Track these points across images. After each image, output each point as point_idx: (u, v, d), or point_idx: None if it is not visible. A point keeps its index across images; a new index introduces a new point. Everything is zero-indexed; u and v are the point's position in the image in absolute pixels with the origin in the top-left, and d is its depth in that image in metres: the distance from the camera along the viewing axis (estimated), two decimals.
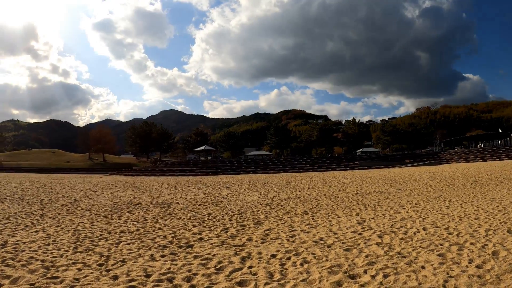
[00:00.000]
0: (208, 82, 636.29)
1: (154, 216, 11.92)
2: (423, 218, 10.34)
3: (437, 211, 11.58)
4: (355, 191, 17.92)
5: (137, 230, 9.59)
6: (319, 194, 16.85)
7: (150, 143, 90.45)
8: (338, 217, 10.76)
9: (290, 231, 8.72)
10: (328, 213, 11.46)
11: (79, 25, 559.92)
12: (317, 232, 8.53)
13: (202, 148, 75.69)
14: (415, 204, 13.32)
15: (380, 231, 8.67)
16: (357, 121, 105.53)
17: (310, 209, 12.46)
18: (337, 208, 12.64)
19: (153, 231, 9.39)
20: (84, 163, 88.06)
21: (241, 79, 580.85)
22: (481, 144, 76.13)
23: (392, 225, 9.44)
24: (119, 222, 10.89)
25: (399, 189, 18.47)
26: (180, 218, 11.34)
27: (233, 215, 11.55)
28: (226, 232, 8.88)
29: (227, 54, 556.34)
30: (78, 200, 17.05)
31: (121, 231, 9.53)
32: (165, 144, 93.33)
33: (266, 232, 8.74)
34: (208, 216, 11.51)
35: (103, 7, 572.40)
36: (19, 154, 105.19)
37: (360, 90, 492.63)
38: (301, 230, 8.79)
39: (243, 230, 9.02)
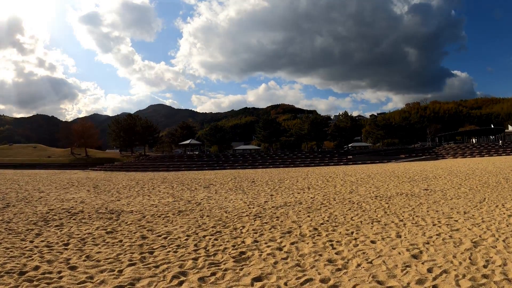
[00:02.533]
0: (196, 77, 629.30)
1: (84, 236, 7.74)
2: (503, 240, 6.44)
3: (508, 225, 7.70)
4: (371, 193, 13.82)
5: (35, 269, 5.53)
6: (326, 198, 12.68)
7: (134, 137, 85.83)
8: (372, 242, 6.65)
9: (302, 283, 4.59)
10: (352, 234, 7.35)
11: (65, 18, 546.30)
12: (356, 286, 4.43)
13: (187, 142, 71.49)
14: (465, 213, 9.36)
15: (464, 275, 4.70)
16: (349, 114, 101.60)
17: (322, 224, 8.32)
18: (361, 222, 8.54)
19: (57, 272, 5.30)
20: (65, 158, 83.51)
21: (229, 74, 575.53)
22: (473, 140, 74.20)
23: (469, 258, 5.52)
24: (24, 249, 6.82)
25: (426, 189, 14.46)
26: (121, 241, 7.16)
27: (204, 236, 7.36)
28: (181, 283, 4.72)
29: (215, 48, 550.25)
30: (10, 205, 13.00)
31: (11, 269, 5.49)
32: (150, 138, 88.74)
33: (256, 283, 4.62)
34: (165, 238, 7.33)
35: (89, 0, 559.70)
36: None
37: (349, 86, 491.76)
38: (321, 280, 4.66)
39: (213, 278, 4.87)
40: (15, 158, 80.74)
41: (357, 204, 11.26)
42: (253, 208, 10.73)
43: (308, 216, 9.34)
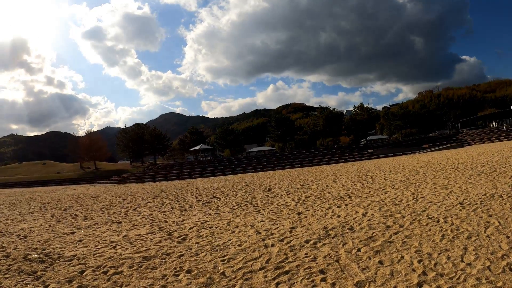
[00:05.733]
0: (204, 83, 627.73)
1: None
2: None
3: None
4: (447, 198, 9.12)
5: None
6: (387, 214, 7.94)
7: (143, 146, 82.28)
8: None
9: None
10: None
11: (69, 35, 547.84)
12: None
13: (198, 147, 67.40)
14: None
15: None
16: (365, 106, 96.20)
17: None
18: (491, 271, 4.14)
19: None
20: (74, 173, 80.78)
21: (236, 77, 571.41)
22: (494, 124, 69.23)
23: None
24: None
25: None
26: None
27: None
28: None
29: (220, 53, 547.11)
30: None
31: None
32: (159, 146, 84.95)
33: None
34: None
35: (91, 15, 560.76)
36: (8, 169, 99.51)
37: (357, 80, 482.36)
38: None
39: None
40: (23, 176, 78.84)
41: (444, 221, 6.75)
42: (271, 246, 6.17)
43: (380, 262, 4.87)
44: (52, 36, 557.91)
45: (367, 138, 78.30)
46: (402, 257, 5.07)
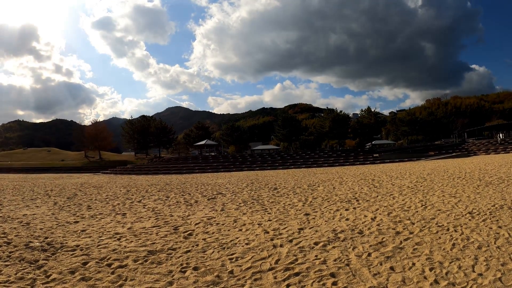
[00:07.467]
0: (211, 78, 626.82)
1: None
2: None
3: None
4: (456, 206, 8.91)
5: None
6: (396, 220, 7.78)
7: (148, 138, 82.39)
8: None
9: None
10: None
11: (78, 24, 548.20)
12: None
13: (203, 142, 67.38)
14: None
15: None
16: (372, 110, 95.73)
17: None
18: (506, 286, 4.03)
19: None
20: (79, 161, 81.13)
21: (244, 74, 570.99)
22: (501, 135, 68.82)
23: None
24: None
25: None
26: None
27: None
28: None
29: (229, 49, 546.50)
30: None
31: None
32: (164, 139, 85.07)
33: None
34: None
35: (101, 5, 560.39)
36: (13, 154, 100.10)
37: (365, 83, 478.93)
38: None
39: None
40: (28, 162, 79.14)
41: (454, 230, 6.63)
42: (280, 246, 6.08)
43: (391, 268, 4.76)
44: (61, 24, 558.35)
45: (373, 142, 78.12)
46: (413, 264, 4.96)
